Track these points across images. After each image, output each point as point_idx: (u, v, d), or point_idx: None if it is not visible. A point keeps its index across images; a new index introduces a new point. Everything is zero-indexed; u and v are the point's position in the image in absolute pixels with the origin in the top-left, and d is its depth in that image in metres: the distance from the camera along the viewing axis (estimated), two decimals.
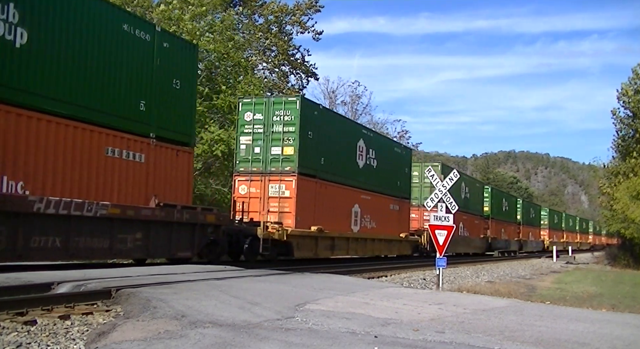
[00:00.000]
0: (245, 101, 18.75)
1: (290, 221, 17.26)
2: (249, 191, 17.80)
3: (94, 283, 8.13)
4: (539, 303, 11.09)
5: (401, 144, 29.25)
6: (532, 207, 58.42)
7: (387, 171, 24.26)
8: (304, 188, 17.71)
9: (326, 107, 24.93)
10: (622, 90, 34.59)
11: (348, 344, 5.43)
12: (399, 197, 25.55)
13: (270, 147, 17.77)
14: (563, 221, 70.19)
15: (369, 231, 22.47)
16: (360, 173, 21.90)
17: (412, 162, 31.36)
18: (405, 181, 26.80)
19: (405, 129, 62.40)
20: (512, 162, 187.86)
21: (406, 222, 26.50)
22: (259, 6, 35.02)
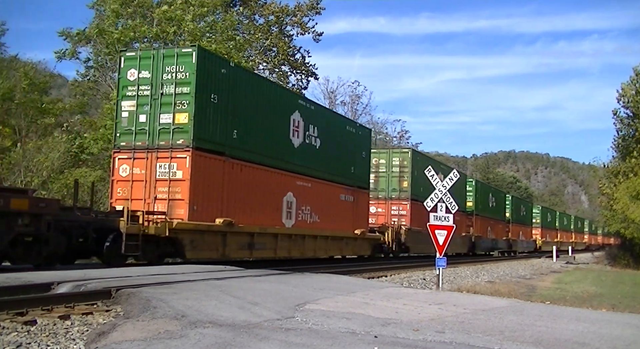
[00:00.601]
0: (128, 55, 14.83)
1: (182, 211, 13.57)
2: (131, 172, 14.15)
3: (94, 283, 8.13)
4: (539, 303, 11.09)
5: (356, 123, 25.05)
6: (522, 204, 55.19)
7: (336, 154, 20.51)
8: (204, 168, 14.04)
9: (242, 67, 19.94)
10: (622, 91, 34.60)
11: (348, 344, 5.43)
12: (354, 187, 21.94)
13: (159, 114, 14.10)
14: (557, 219, 67.40)
15: (308, 226, 18.69)
16: (295, 154, 17.99)
17: (373, 145, 29.54)
18: (363, 167, 22.98)
19: (405, 129, 62.44)
20: (512, 162, 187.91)
21: (363, 217, 22.72)
22: (259, 6, 35.02)
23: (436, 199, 13.62)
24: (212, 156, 14.39)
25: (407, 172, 27.22)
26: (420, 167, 26.73)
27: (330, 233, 20.10)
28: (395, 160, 27.37)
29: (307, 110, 18.91)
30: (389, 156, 27.64)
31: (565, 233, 70.16)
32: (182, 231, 13.41)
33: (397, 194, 27.17)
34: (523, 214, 53.09)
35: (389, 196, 27.31)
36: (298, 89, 36.97)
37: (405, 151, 28.23)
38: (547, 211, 65.42)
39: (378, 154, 27.61)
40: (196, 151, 13.77)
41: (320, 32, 37.06)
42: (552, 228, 63.82)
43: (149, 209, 13.42)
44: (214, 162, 14.44)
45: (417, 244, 27.01)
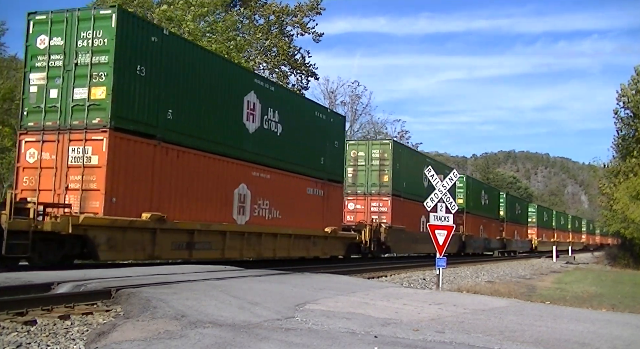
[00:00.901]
0: (38, 18, 12.47)
1: (97, 203, 11.48)
2: (40, 157, 11.98)
3: (94, 283, 8.13)
4: (539, 303, 11.09)
5: (327, 109, 22.95)
6: (517, 203, 52.88)
7: (302, 142, 18.32)
8: (126, 153, 11.97)
9: (181, 37, 17.14)
10: (621, 91, 34.61)
11: (348, 344, 5.42)
12: (323, 180, 19.83)
13: (73, 88, 11.94)
14: (553, 218, 65.29)
15: (267, 223, 16.47)
16: (250, 140, 15.81)
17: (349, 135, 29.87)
18: (335, 158, 20.83)
19: (405, 129, 62.43)
20: (512, 162, 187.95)
21: (336, 213, 20.62)
22: (259, 6, 35.04)
23: (436, 199, 13.60)
24: (138, 138, 12.26)
25: (387, 165, 25.11)
26: (402, 160, 25.94)
27: (293, 231, 17.62)
28: (375, 152, 25.29)
29: (266, 91, 16.54)
30: (368, 147, 25.36)
31: (562, 233, 68.28)
32: (93, 228, 11.17)
33: (377, 190, 25.12)
34: (518, 212, 50.97)
35: (369, 191, 25.17)
36: (298, 89, 36.99)
37: (385, 143, 25.70)
38: (544, 210, 63.29)
39: (356, 145, 25.80)
40: (116, 132, 11.67)
41: (321, 32, 37.10)
42: (548, 228, 62.00)
43: (59, 201, 11.45)
44: (140, 147, 12.31)
45: (398, 244, 25.61)
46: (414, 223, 27.25)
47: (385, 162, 25.09)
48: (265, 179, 16.59)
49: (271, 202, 16.82)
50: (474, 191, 38.17)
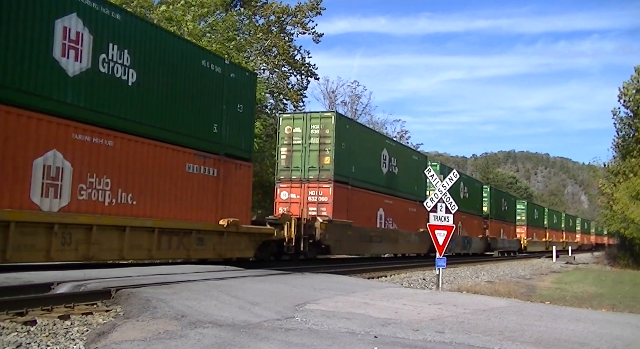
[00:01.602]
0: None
1: None
2: None
3: (93, 283, 8.13)
4: (539, 303, 11.09)
5: (224, 59, 16.23)
6: (504, 198, 47.47)
7: (177, 100, 13.72)
8: None
9: None
10: (623, 89, 34.60)
11: (348, 344, 5.43)
12: (218, 154, 14.88)
13: None
14: (545, 217, 60.44)
15: (107, 210, 11.59)
16: (68, 85, 10.97)
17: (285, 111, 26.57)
18: (240, 127, 15.84)
19: (405, 129, 62.48)
20: (512, 162, 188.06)
21: (240, 201, 15.69)
22: (260, 6, 35.05)
23: (436, 199, 13.60)
24: None
25: (329, 144, 20.10)
26: (350, 139, 21.26)
27: (158, 223, 12.77)
28: (314, 128, 20.50)
29: (104, 18, 11.74)
30: (305, 122, 20.52)
31: (555, 232, 63.57)
32: None
33: (316, 175, 20.12)
34: (505, 209, 45.92)
35: (306, 176, 20.25)
36: (298, 89, 37.00)
37: (327, 116, 20.56)
38: (534, 207, 58.44)
39: (291, 119, 20.88)
40: None
41: (321, 33, 37.15)
42: (539, 226, 57.28)
43: None
44: None
45: (342, 243, 20.36)
46: (367, 217, 22.43)
47: (327, 140, 20.19)
48: (103, 147, 11.60)
49: (115, 181, 11.90)
50: (463, 186, 34.22)
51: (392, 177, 25.01)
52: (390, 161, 24.81)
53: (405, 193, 26.32)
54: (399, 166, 25.68)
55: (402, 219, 25.80)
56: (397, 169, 25.56)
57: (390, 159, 24.78)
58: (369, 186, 22.71)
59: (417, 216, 27.17)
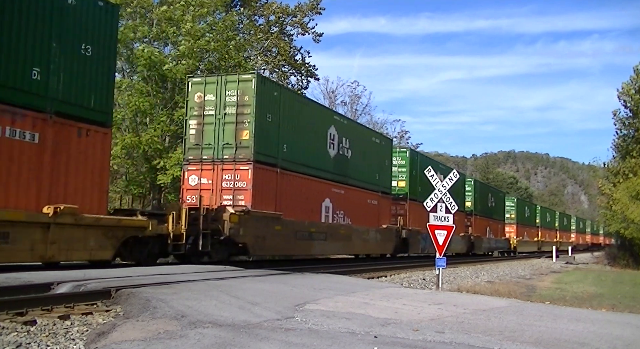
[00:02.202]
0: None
1: None
2: None
3: (93, 283, 8.13)
4: (539, 303, 11.09)
5: None
6: (491, 193, 42.51)
7: None
8: None
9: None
10: (622, 89, 34.63)
11: (348, 344, 5.43)
12: (33, 111, 10.83)
13: None
14: (537, 215, 56.60)
15: None
16: None
17: None
18: (76, 73, 11.72)
19: (405, 129, 62.41)
20: (512, 162, 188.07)
21: (79, 180, 11.64)
22: (260, 6, 35.05)
23: (436, 199, 13.60)
24: None
25: (249, 114, 15.86)
26: (276, 108, 16.86)
27: None
28: (230, 94, 16.24)
29: None
30: (220, 88, 16.22)
31: (548, 231, 59.80)
32: None
33: (231, 153, 15.83)
34: (492, 205, 41.41)
35: (220, 156, 16.02)
36: (299, 89, 37.00)
37: (246, 79, 16.25)
38: (525, 205, 54.63)
39: (202, 84, 16.43)
40: None
41: (321, 33, 37.12)
42: (531, 225, 53.49)
43: None
44: None
45: (265, 241, 16.04)
46: (306, 210, 18.28)
47: (246, 109, 15.94)
48: None
49: None
50: (421, 172, 25.89)
51: (344, 161, 20.80)
52: (341, 142, 20.58)
53: (362, 182, 22.03)
54: (353, 149, 21.39)
55: (358, 213, 21.53)
56: (351, 152, 21.27)
57: (340, 140, 20.53)
58: (309, 170, 18.40)
59: (379, 209, 23.26)
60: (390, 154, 25.54)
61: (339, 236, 20.31)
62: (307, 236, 18.16)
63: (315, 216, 18.89)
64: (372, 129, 29.86)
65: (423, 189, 26.43)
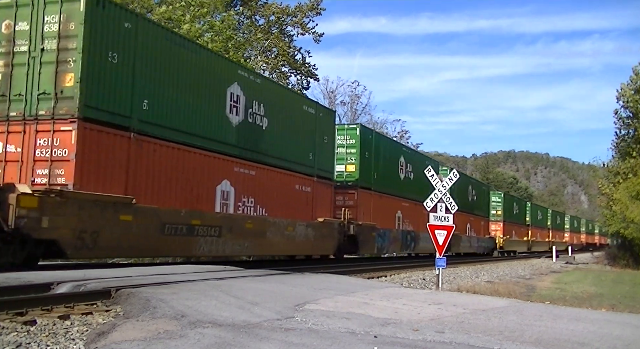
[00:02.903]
0: None
1: None
2: None
3: (93, 283, 8.13)
4: (539, 303, 11.09)
5: None
6: (472, 186, 37.83)
7: None
8: None
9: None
10: (621, 90, 34.68)
11: (348, 344, 5.43)
12: None
13: None
14: (527, 212, 52.67)
15: None
16: None
17: None
18: None
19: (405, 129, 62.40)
20: (512, 162, 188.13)
21: None
22: (260, 6, 35.06)
23: (436, 199, 13.59)
24: None
25: (74, 50, 11.04)
26: (127, 46, 11.95)
27: None
28: (51, 22, 11.26)
29: None
30: (36, 12, 11.26)
31: (539, 230, 56.16)
32: None
33: (49, 107, 11.01)
34: (473, 199, 36.83)
35: (33, 111, 11.13)
36: (299, 89, 37.00)
37: None
38: (514, 201, 50.44)
39: (13, 9, 11.43)
40: None
41: (321, 33, 37.15)
42: (520, 223, 49.68)
43: None
44: None
45: (99, 237, 11.07)
46: (188, 195, 13.64)
47: (71, 43, 11.09)
48: None
49: None
50: (384, 154, 24.18)
51: (254, 132, 15.88)
52: (251, 107, 15.77)
53: (286, 162, 17.28)
54: (271, 118, 16.49)
55: (279, 201, 16.81)
56: (268, 121, 16.39)
57: (249, 104, 15.69)
58: (192, 139, 13.61)
59: (314, 198, 18.56)
60: (331, 129, 20.36)
61: (244, 232, 15.18)
62: (184, 231, 13.12)
63: (206, 203, 14.04)
64: (303, 95, 23.71)
65: (381, 176, 23.48)
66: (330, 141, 20.41)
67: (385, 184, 24.27)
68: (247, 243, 15.51)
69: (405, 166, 26.85)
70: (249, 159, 15.79)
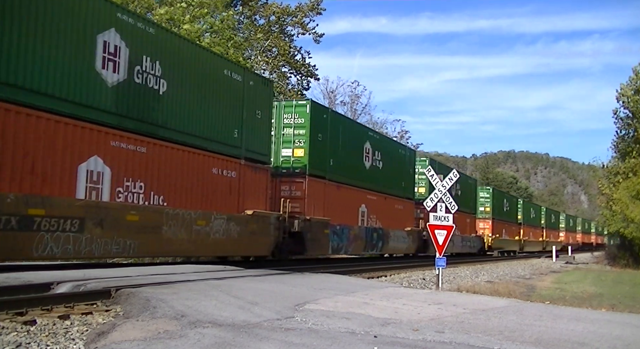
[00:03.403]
0: None
1: None
2: None
3: (93, 283, 8.13)
4: (539, 303, 11.09)
5: None
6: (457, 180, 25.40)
7: None
8: None
9: None
10: (621, 90, 34.68)
11: (347, 344, 5.43)
12: None
13: None
14: (519, 210, 49.07)
15: None
16: None
17: None
18: None
19: (405, 129, 62.41)
20: (512, 162, 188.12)
21: None
22: (260, 6, 35.07)
23: (436, 199, 13.59)
24: None
25: None
26: None
27: None
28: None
29: None
30: None
31: (532, 230, 52.86)
32: None
33: None
34: (457, 194, 31.33)
35: None
36: (299, 89, 37.01)
37: None
38: (504, 197, 46.28)
39: None
40: None
41: (321, 33, 37.18)
42: (511, 222, 46.13)
43: None
44: None
45: None
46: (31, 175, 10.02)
47: None
48: None
49: None
50: (344, 138, 20.33)
51: (144, 97, 12.16)
52: (136, 63, 11.95)
53: (196, 138, 13.64)
54: (172, 80, 12.89)
55: (186, 188, 13.25)
56: (166, 84, 12.73)
57: (133, 58, 11.89)
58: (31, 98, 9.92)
59: (243, 186, 15.09)
60: (268, 102, 16.59)
61: (125, 226, 11.44)
62: (14, 224, 9.49)
63: (58, 187, 10.42)
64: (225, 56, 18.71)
65: (339, 163, 19.80)
66: (266, 117, 16.43)
67: (345, 173, 20.41)
68: (130, 241, 11.59)
69: (372, 153, 22.59)
70: (135, 131, 11.95)
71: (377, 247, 22.98)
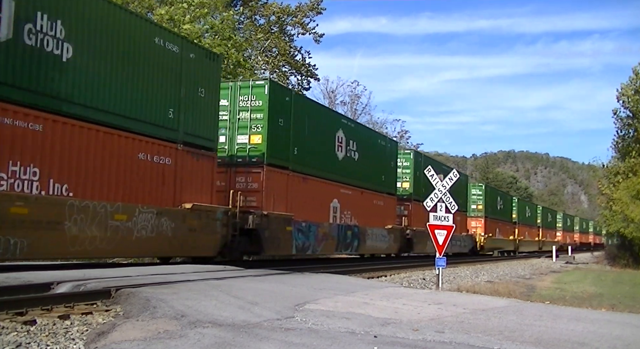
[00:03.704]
0: None
1: None
2: None
3: (93, 283, 8.13)
4: (539, 303, 11.10)
5: None
6: (443, 174, 22.23)
7: None
8: None
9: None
10: (621, 90, 34.70)
11: (347, 344, 5.43)
12: None
13: None
14: (514, 209, 47.07)
15: None
16: None
17: None
18: None
19: (405, 129, 62.39)
20: (512, 162, 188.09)
21: None
22: (260, 6, 35.08)
23: (436, 199, 13.59)
24: None
25: None
26: None
27: None
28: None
29: None
30: None
31: (528, 229, 51.01)
32: None
33: None
34: None
35: None
36: (299, 89, 37.00)
37: None
38: (497, 195, 43.86)
39: None
40: None
41: (321, 33, 37.19)
42: (506, 221, 44.22)
43: None
44: None
45: None
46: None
47: None
48: None
49: None
50: (311, 125, 18.38)
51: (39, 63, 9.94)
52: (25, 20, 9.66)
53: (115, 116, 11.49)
54: (79, 44, 10.67)
55: (102, 176, 11.11)
56: (72, 49, 10.51)
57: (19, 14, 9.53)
58: None
59: (181, 176, 13.02)
60: (214, 79, 14.50)
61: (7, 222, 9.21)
62: None
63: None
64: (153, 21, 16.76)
65: (305, 153, 17.84)
66: (213, 96, 14.37)
67: (312, 164, 18.32)
68: (16, 239, 9.27)
69: (345, 142, 20.49)
70: (26, 105, 9.72)
71: (352, 247, 20.90)
